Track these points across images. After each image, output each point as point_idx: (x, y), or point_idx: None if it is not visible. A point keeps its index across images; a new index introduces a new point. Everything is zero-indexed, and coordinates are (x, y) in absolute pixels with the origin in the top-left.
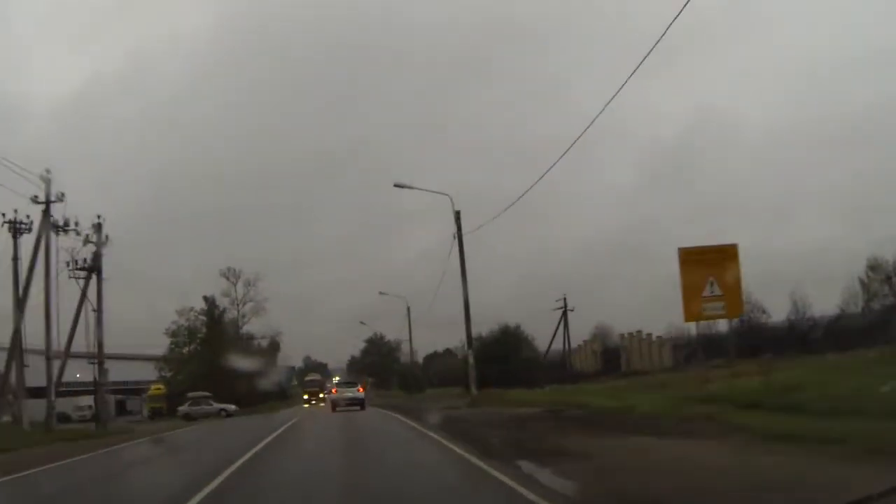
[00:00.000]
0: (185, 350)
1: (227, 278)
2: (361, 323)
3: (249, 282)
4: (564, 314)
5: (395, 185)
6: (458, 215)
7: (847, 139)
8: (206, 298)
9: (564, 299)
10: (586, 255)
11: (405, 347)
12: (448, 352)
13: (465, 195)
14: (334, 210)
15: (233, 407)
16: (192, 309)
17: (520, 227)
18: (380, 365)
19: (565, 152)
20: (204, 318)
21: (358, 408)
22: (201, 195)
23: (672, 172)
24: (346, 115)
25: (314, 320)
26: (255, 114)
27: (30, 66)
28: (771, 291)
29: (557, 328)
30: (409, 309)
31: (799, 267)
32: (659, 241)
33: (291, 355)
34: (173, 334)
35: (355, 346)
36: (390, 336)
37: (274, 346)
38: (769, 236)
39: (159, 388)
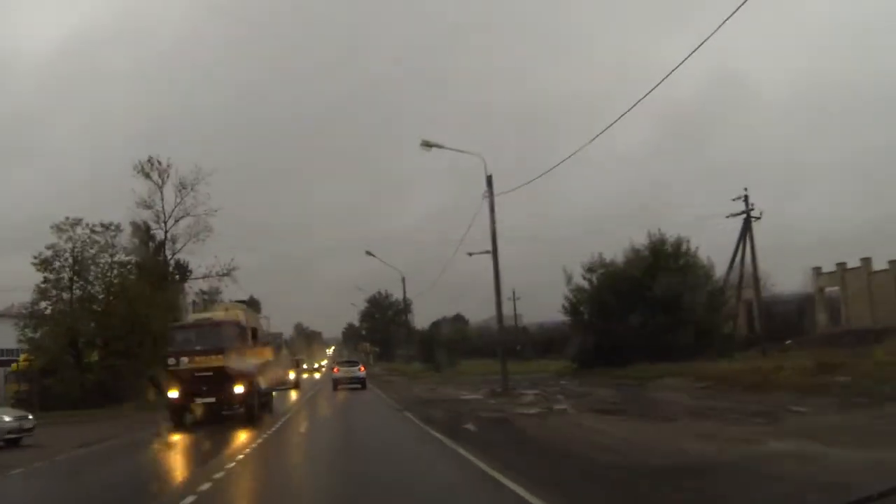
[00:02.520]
0: (68, 295)
1: (146, 175)
2: (368, 253)
3: (184, 184)
4: (747, 223)
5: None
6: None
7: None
8: (136, 226)
9: (746, 198)
10: None
11: (415, 308)
12: (460, 318)
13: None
14: (333, 170)
15: (7, 419)
16: (78, 222)
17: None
18: (383, 331)
19: None
20: (101, 239)
21: (359, 386)
22: (192, 152)
23: None
24: (348, 68)
25: (309, 287)
26: (251, 68)
27: (16, 16)
28: None
29: (741, 244)
30: (490, 179)
31: None
32: None
33: (281, 324)
34: (44, 264)
35: (353, 313)
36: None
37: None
38: None
39: (29, 359)
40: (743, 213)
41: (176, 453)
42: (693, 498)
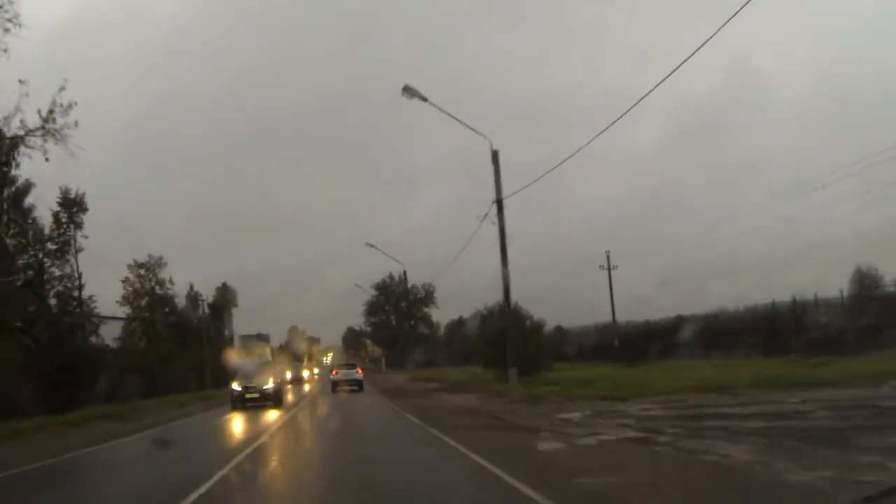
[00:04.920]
0: None
1: None
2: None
3: None
4: None
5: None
6: None
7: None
8: None
9: None
10: None
11: (439, 295)
12: (479, 316)
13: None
14: (334, 164)
15: None
16: None
17: None
18: (395, 328)
19: None
20: None
21: (356, 388)
22: (190, 139)
23: None
24: (349, 55)
25: (308, 291)
26: (249, 53)
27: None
28: None
29: None
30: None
31: None
32: None
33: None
34: None
35: (353, 317)
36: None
37: (227, 297)
38: None
39: None
40: None
41: None
42: None
